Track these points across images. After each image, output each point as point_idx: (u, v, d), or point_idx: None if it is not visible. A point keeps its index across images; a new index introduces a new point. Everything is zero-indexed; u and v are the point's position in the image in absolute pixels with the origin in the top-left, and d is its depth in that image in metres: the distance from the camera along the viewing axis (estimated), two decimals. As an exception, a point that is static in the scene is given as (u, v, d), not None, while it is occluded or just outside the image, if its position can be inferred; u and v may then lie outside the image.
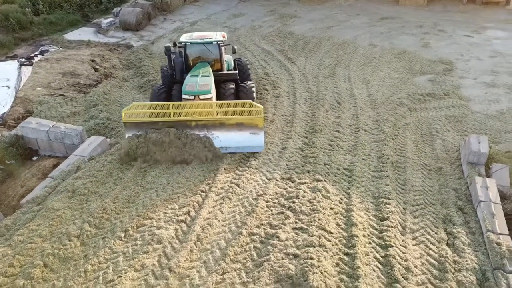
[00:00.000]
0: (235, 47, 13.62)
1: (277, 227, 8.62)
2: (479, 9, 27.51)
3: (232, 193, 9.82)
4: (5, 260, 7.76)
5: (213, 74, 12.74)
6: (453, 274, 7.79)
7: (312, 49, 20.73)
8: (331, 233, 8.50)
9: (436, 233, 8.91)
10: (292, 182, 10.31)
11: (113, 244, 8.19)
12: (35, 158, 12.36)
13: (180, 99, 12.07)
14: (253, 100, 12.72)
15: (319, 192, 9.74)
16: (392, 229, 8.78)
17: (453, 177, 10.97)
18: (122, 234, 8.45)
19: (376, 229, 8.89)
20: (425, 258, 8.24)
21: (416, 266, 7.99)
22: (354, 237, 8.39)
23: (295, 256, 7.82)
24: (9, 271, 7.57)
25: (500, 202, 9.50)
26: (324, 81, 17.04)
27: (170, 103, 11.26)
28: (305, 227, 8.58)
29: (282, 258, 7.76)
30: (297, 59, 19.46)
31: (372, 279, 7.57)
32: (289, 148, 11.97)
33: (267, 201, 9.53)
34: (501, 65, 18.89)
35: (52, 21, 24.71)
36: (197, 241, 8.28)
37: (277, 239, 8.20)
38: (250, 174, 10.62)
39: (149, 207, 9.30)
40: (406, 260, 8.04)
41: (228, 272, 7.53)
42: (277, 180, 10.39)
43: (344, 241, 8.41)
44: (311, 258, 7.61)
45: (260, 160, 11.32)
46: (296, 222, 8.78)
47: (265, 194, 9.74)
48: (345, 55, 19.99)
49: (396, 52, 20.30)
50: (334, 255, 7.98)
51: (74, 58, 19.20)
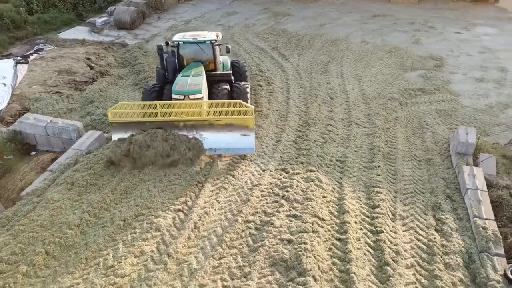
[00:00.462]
0: (229, 47, 13.25)
1: (272, 215, 8.90)
2: (469, 7, 28.03)
3: (228, 184, 10.08)
4: (8, 248, 7.98)
5: (206, 74, 12.45)
6: (441, 257, 8.12)
7: (305, 46, 21.02)
8: (324, 220, 8.80)
9: (425, 220, 9.24)
10: (286, 173, 10.60)
11: (113, 232, 8.44)
12: (33, 153, 12.54)
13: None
14: (247, 102, 12.39)
15: (312, 182, 10.04)
16: (383, 216, 9.09)
17: (442, 167, 11.32)
18: (121, 223, 8.70)
19: (368, 216, 9.20)
20: (414, 243, 8.56)
21: (406, 250, 8.31)
22: (346, 224, 8.69)
23: (289, 242, 8.11)
24: (12, 259, 7.79)
25: (487, 190, 9.85)
26: (317, 77, 17.32)
27: (158, 103, 10.86)
28: (299, 215, 8.87)
29: (277, 244, 8.05)
30: (291, 56, 19.73)
31: (363, 262, 7.87)
32: (283, 141, 12.25)
33: (262, 191, 9.81)
34: (490, 61, 19.30)
35: (47, 20, 24.81)
36: (194, 229, 8.55)
37: (272, 226, 8.49)
38: (245, 166, 10.90)
39: (147, 198, 9.54)
40: (396, 245, 8.35)
41: (225, 257, 7.80)
42: (272, 171, 10.68)
43: (337, 228, 8.70)
44: (305, 243, 7.90)
45: (255, 153, 11.58)
46: (290, 210, 9.08)
47: (260, 184, 10.02)
48: (338, 52, 20.29)
49: (388, 49, 20.65)
50: (327, 241, 8.28)
51: (70, 56, 19.35)
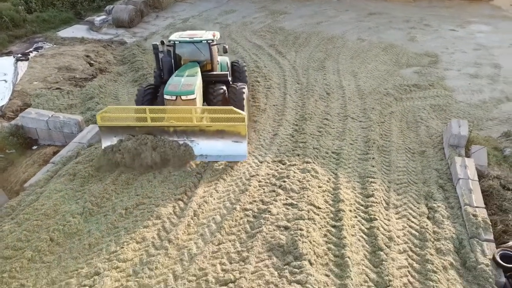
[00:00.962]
0: (226, 47, 13.01)
1: (269, 203, 9.18)
2: (464, 4, 28.35)
3: (226, 174, 10.35)
4: (13, 236, 8.24)
5: (202, 75, 12.17)
6: (433, 243, 8.40)
7: (302, 44, 21.28)
8: (320, 208, 9.08)
9: (418, 208, 9.53)
10: (283, 164, 10.88)
11: (115, 220, 8.72)
12: (35, 148, 12.78)
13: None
14: (242, 103, 12.05)
15: (308, 173, 10.32)
16: (377, 205, 9.37)
17: (435, 159, 11.61)
18: (123, 212, 8.97)
19: (362, 205, 9.48)
20: (407, 230, 8.84)
21: (399, 237, 8.59)
22: (341, 212, 8.97)
23: (286, 228, 8.38)
24: (18, 245, 8.06)
25: (478, 180, 10.14)
26: (314, 74, 17.59)
27: (147, 108, 10.56)
28: (295, 203, 9.15)
29: (274, 230, 8.33)
30: (288, 53, 20.00)
31: (357, 248, 8.15)
32: (280, 135, 12.52)
33: (260, 181, 10.09)
34: (484, 58, 19.59)
35: (45, 19, 25.04)
36: (194, 216, 8.83)
37: (269, 214, 8.77)
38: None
39: (147, 188, 9.81)
40: (389, 231, 8.63)
41: (224, 243, 8.07)
42: (269, 163, 10.95)
43: (332, 215, 8.98)
44: (301, 229, 8.17)
45: (253, 145, 11.86)
46: (287, 199, 9.36)
47: (258, 175, 10.29)
48: (334, 49, 20.56)
49: (384, 46, 20.92)
50: (322, 227, 8.55)
51: (69, 54, 19.58)
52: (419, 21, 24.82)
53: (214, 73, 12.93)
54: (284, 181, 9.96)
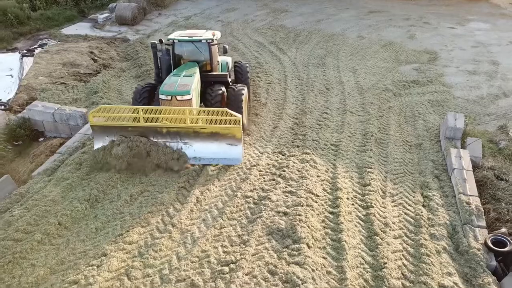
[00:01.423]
0: (227, 47, 12.81)
1: (269, 191, 9.49)
2: (463, 3, 28.62)
3: (228, 165, 10.66)
4: (23, 220, 8.58)
5: (201, 75, 12.01)
6: (427, 229, 8.70)
7: (303, 41, 21.59)
8: (318, 196, 9.38)
9: (413, 197, 9.83)
10: (283, 155, 11.19)
11: (120, 206, 9.07)
12: (41, 140, 13.11)
13: None
14: (241, 105, 11.77)
15: (307, 163, 10.63)
16: (374, 193, 9.67)
17: (432, 151, 11.91)
18: (128, 198, 9.32)
19: (359, 193, 9.78)
20: (403, 217, 9.13)
21: (394, 223, 8.88)
22: (339, 199, 9.27)
23: (285, 214, 8.70)
24: (28, 228, 8.40)
25: (472, 170, 10.44)
26: (314, 70, 17.89)
27: (140, 108, 10.39)
28: (294, 191, 9.47)
29: (273, 215, 8.64)
30: (288, 50, 20.31)
31: (354, 233, 8.45)
32: (280, 127, 12.83)
33: (260, 171, 10.41)
34: (483, 55, 19.87)
35: (49, 17, 25.40)
36: (197, 203, 9.15)
37: (269, 200, 9.09)
38: (244, 149, 11.43)
39: (151, 176, 10.15)
40: (385, 218, 8.93)
41: (225, 227, 8.39)
42: (269, 154, 11.26)
43: (329, 203, 9.29)
44: (299, 215, 8.48)
45: (253, 137, 12.17)
46: (286, 187, 9.67)
47: (258, 165, 10.60)
48: (334, 46, 20.86)
49: (383, 43, 21.22)
50: (320, 214, 8.86)
51: (73, 50, 19.92)
52: (419, 19, 25.11)
53: (213, 74, 12.67)
54: (284, 171, 10.28)
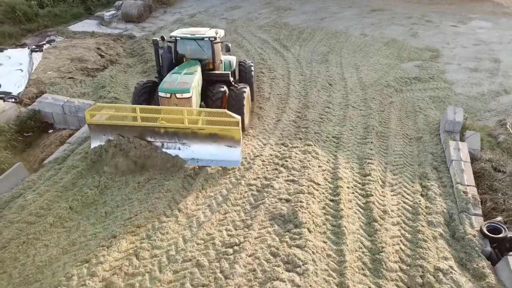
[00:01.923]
0: (229, 45, 12.56)
1: (272, 180, 9.81)
2: (466, 1, 28.85)
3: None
4: (36, 204, 8.95)
5: (203, 74, 11.96)
6: (424, 216, 8.98)
7: (306, 38, 21.89)
8: (319, 185, 9.69)
9: (412, 187, 10.11)
10: (286, 147, 11.50)
11: (129, 192, 9.43)
12: (51, 131, 13.49)
13: None
14: (242, 104, 11.67)
15: (309, 154, 10.94)
16: (373, 183, 9.96)
17: (431, 144, 12.17)
18: (136, 185, 9.67)
19: (359, 183, 10.08)
20: (401, 205, 9.42)
21: (393, 211, 9.17)
22: (339, 188, 9.57)
23: (287, 201, 9.01)
24: (40, 212, 8.78)
25: (470, 161, 10.71)
26: (317, 66, 18.18)
27: (137, 107, 10.19)
28: (296, 180, 9.78)
29: (276, 202, 8.96)
30: (292, 47, 20.61)
31: (354, 219, 8.75)
32: (283, 121, 13.13)
33: (263, 161, 10.73)
34: (484, 52, 20.07)
35: (57, 14, 25.87)
36: (202, 190, 9.49)
37: (272, 188, 9.41)
38: (248, 141, 11.79)
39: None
40: (384, 206, 9.22)
41: (229, 213, 8.73)
42: (272, 145, 11.58)
43: (330, 191, 9.59)
44: (301, 202, 8.79)
45: (257, 130, 12.49)
46: (288, 176, 9.99)
47: (261, 155, 10.92)
48: (337, 44, 21.14)
49: (386, 41, 21.46)
50: (321, 201, 9.17)
51: (81, 46, 20.32)
52: (421, 17, 25.35)
53: (215, 73, 12.53)
54: (286, 161, 10.59)
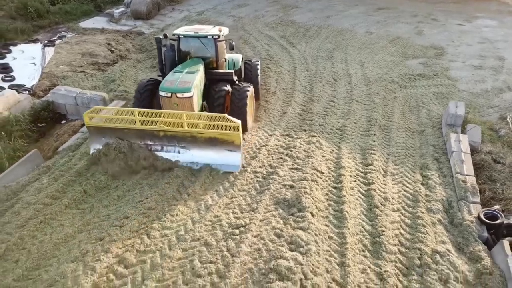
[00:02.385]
0: (233, 43, 12.49)
1: (277, 167, 10.18)
2: (472, 0, 28.95)
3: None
4: (52, 187, 9.40)
5: (206, 73, 11.81)
6: (424, 204, 9.30)
7: (312, 36, 22.20)
8: (322, 173, 10.03)
9: (413, 176, 10.42)
10: (290, 138, 11.86)
11: (140, 178, 9.86)
12: (63, 122, 13.95)
13: None
14: (245, 103, 11.47)
15: (313, 144, 11.29)
16: (375, 172, 10.29)
17: (433, 137, 12.46)
18: (146, 171, 10.06)
19: (361, 172, 10.41)
20: (402, 193, 9.74)
21: (393, 198, 9.49)
22: (342, 176, 9.92)
23: (291, 187, 9.38)
24: (56, 195, 9.22)
25: (470, 153, 10.99)
26: (323, 62, 18.50)
27: (136, 110, 10.06)
28: (300, 168, 10.13)
29: (280, 188, 9.33)
30: (298, 44, 20.93)
31: (355, 205, 9.08)
32: (289, 113, 13.49)
33: (269, 150, 11.10)
34: (489, 50, 20.27)
35: (67, 11, 26.46)
36: (209, 176, 9.89)
37: (276, 175, 9.78)
38: (254, 131, 12.17)
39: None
40: (385, 193, 9.55)
41: (236, 197, 9.12)
42: (277, 136, 11.94)
43: (333, 179, 9.94)
44: (304, 188, 9.15)
45: (262, 122, 12.85)
46: (293, 164, 10.35)
47: (267, 145, 11.30)
48: (343, 41, 21.43)
49: (391, 39, 21.72)
50: (324, 188, 9.51)
51: (91, 41, 20.81)
52: (427, 16, 25.55)
53: (219, 71, 12.32)
54: (291, 151, 10.95)
